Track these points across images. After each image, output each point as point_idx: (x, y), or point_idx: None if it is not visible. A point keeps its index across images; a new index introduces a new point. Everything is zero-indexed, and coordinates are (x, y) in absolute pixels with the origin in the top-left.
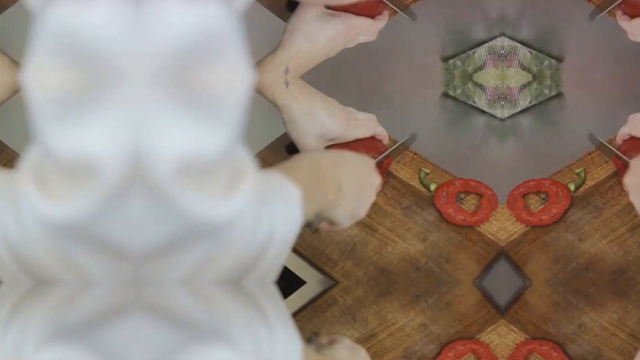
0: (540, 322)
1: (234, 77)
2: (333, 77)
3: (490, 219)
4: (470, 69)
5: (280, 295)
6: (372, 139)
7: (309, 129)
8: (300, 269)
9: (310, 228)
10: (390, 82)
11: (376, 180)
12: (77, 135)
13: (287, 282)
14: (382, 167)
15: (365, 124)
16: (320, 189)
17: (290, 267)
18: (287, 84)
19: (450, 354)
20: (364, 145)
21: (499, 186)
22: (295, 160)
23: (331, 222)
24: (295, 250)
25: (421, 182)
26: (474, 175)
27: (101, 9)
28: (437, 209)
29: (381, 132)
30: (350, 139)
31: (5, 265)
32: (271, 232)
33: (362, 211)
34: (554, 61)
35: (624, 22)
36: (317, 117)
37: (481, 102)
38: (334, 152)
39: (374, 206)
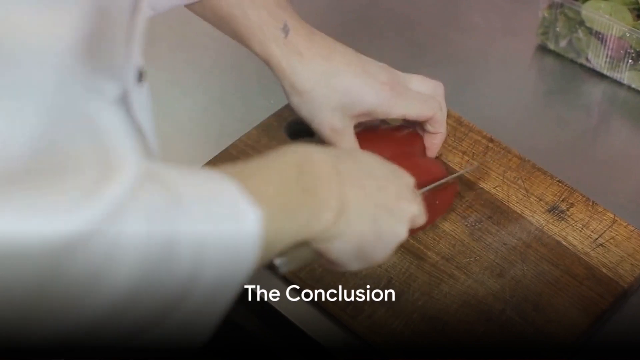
0: None
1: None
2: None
3: None
4: None
5: None
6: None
7: (326, 97)
8: None
9: (277, 268)
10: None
11: (402, 229)
12: None
13: None
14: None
15: (422, 98)
16: (304, 205)
17: None
18: (285, 30)
19: None
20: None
21: None
22: (270, 158)
23: (330, 261)
24: None
25: None
26: None
27: None
28: None
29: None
30: (395, 115)
31: None
32: (196, 268)
33: (376, 256)
34: None
35: None
36: (337, 79)
37: None
38: (344, 152)
39: None
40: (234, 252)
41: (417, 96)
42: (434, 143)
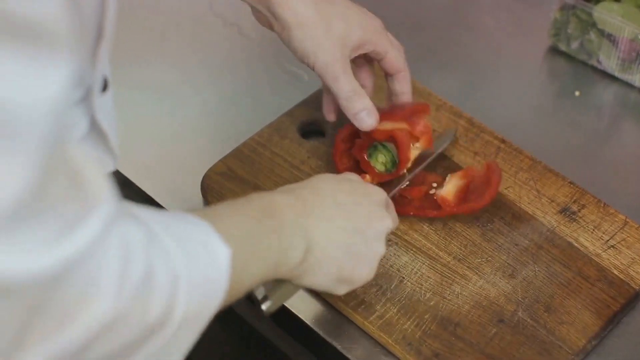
0: None
1: None
2: None
3: None
4: None
5: None
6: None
7: (327, 25)
8: None
9: (254, 302)
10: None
11: (379, 246)
12: None
13: None
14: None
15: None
16: (271, 247)
17: None
18: None
19: None
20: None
21: None
22: (238, 203)
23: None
24: None
25: None
26: None
27: None
28: None
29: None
30: (381, 47)
31: None
32: (170, 301)
33: (361, 276)
34: None
35: None
36: (334, 7)
37: None
38: (306, 189)
39: None
40: (206, 286)
41: (397, 46)
42: (404, 86)
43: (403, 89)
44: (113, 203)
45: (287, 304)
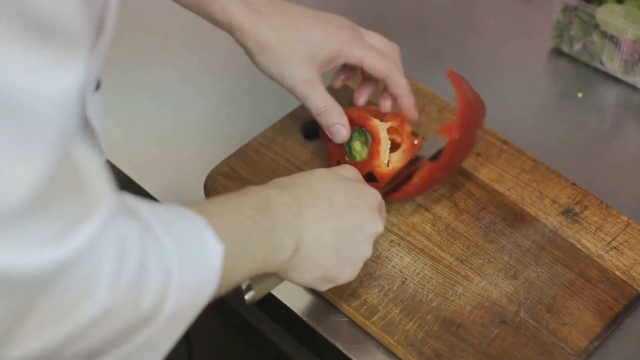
0: None
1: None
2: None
3: None
4: None
5: None
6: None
7: (291, 49)
8: None
9: (237, 290)
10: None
11: (366, 249)
12: None
13: None
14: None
15: (379, 51)
16: (262, 245)
17: None
18: None
19: None
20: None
21: None
22: (233, 197)
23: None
24: None
25: None
26: None
27: None
28: None
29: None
30: (355, 59)
31: None
32: (162, 294)
33: (344, 276)
34: None
35: None
36: (297, 30)
37: None
38: (303, 188)
39: None
40: (197, 282)
41: (375, 47)
42: (405, 105)
43: (397, 92)
44: (112, 201)
45: (288, 304)
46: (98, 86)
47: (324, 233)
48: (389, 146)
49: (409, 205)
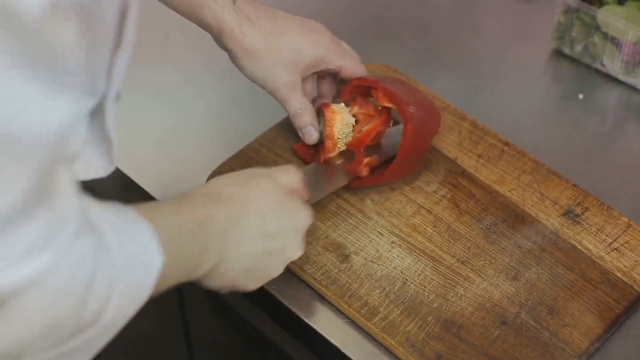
0: None
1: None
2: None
3: None
4: None
5: None
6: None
7: (276, 54)
8: None
9: None
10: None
11: (277, 271)
12: None
13: None
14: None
15: (355, 57)
16: (192, 257)
17: None
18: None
19: None
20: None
21: None
22: (184, 202)
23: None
24: None
25: None
26: None
27: None
28: None
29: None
30: (335, 65)
31: None
32: (102, 308)
33: (248, 288)
34: None
35: None
36: (284, 37)
37: None
38: (250, 205)
39: None
40: (135, 292)
41: (349, 54)
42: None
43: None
44: (78, 218)
45: (288, 304)
46: (118, 97)
47: (246, 255)
48: (347, 124)
49: (410, 206)
